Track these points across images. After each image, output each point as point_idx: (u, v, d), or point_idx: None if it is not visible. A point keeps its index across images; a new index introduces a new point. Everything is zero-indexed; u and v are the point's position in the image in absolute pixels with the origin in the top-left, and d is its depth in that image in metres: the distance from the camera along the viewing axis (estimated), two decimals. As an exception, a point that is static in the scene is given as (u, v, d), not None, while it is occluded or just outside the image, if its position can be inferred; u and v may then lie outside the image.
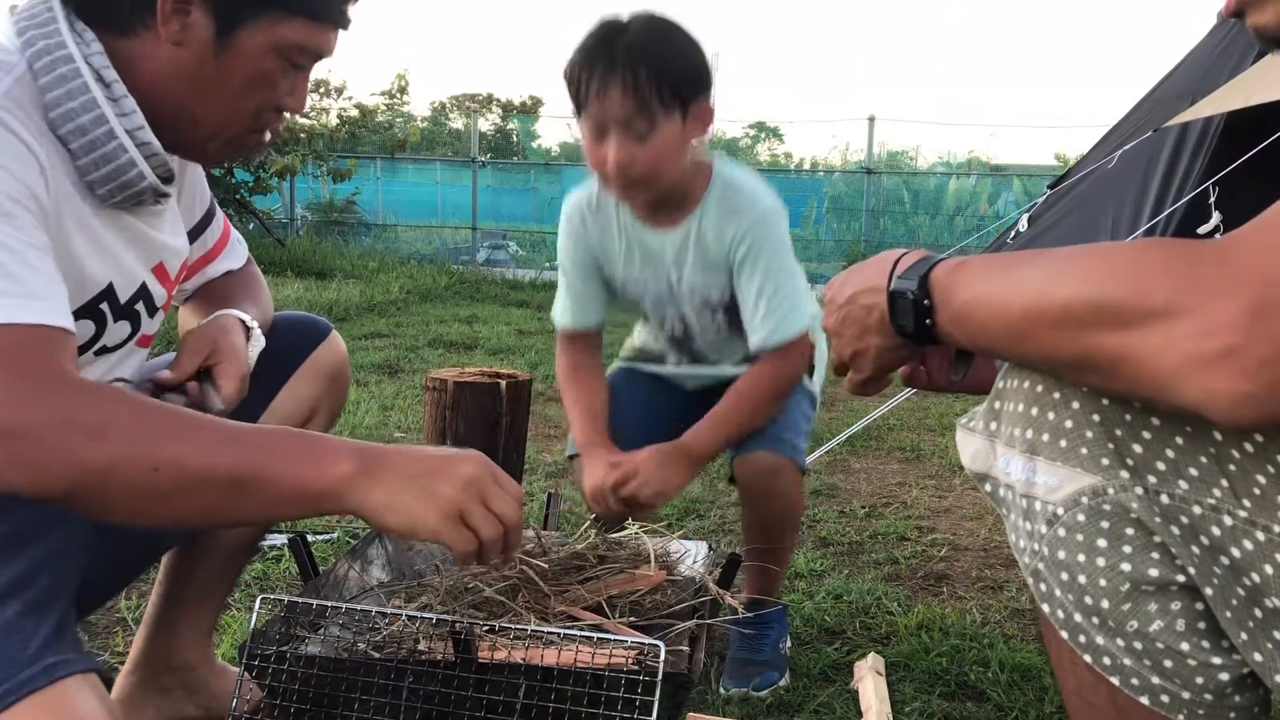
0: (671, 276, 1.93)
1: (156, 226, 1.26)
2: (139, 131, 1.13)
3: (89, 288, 1.16)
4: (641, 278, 1.96)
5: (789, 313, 1.85)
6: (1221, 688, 0.85)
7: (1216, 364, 0.69)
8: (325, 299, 7.34)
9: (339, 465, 1.00)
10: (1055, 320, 0.79)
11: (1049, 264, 0.82)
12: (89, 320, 1.18)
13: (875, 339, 1.00)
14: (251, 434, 1.02)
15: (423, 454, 1.07)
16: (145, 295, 1.27)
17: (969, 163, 16.21)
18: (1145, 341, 0.73)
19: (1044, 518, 0.88)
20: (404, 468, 1.03)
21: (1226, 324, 0.69)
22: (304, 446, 1.02)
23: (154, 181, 1.17)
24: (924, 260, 0.94)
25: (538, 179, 18.92)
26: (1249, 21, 0.93)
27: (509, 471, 1.92)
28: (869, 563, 2.61)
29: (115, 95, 1.11)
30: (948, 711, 1.83)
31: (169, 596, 1.57)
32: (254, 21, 1.14)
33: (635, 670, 1.16)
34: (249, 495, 0.98)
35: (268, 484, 0.98)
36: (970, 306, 0.88)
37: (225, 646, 1.86)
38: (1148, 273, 0.74)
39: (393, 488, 1.01)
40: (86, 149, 1.10)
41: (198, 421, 1.01)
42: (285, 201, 13.33)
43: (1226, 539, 0.81)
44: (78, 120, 1.09)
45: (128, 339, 1.27)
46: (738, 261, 1.86)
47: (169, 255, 1.30)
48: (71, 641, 1.05)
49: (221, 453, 0.97)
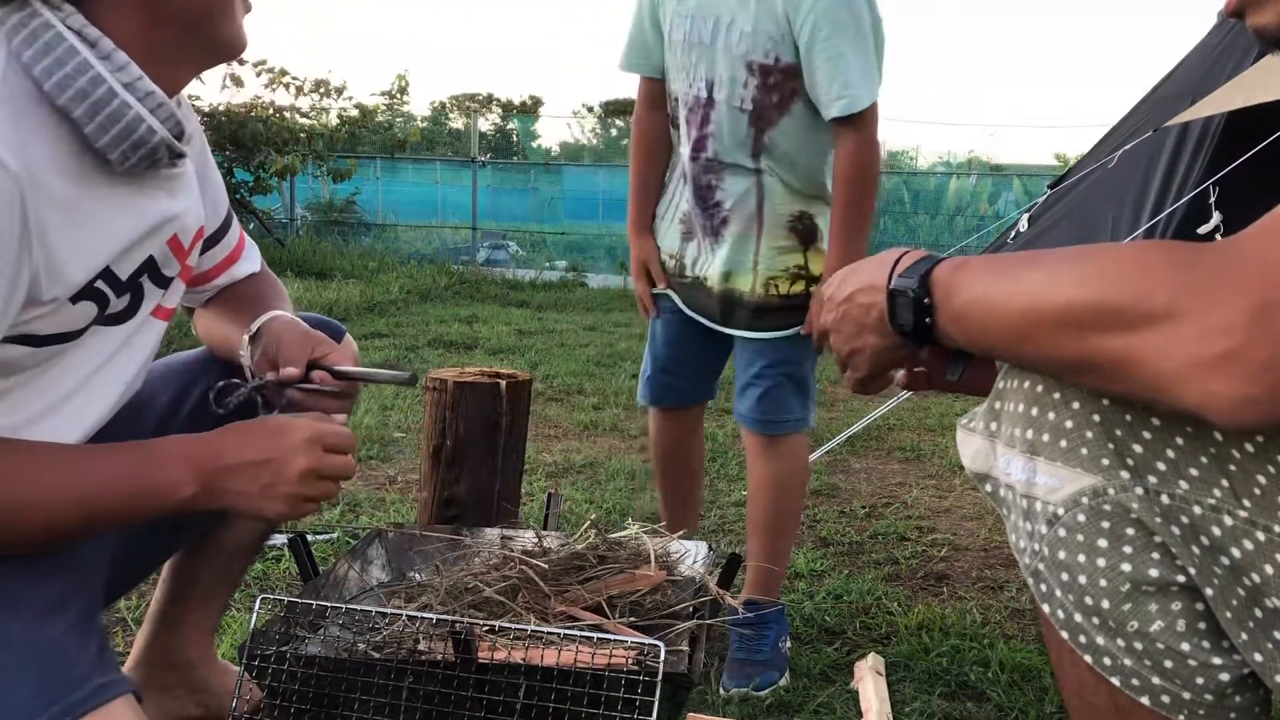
0: (722, 17, 1.91)
1: (171, 190, 1.20)
2: (139, 83, 1.07)
3: (86, 272, 1.11)
4: (687, 10, 1.94)
5: (866, 82, 1.87)
6: (1222, 688, 0.85)
7: (1218, 367, 0.69)
8: (325, 299, 7.34)
9: (181, 492, 1.10)
10: (1056, 321, 0.79)
11: (1050, 265, 0.82)
12: (89, 301, 1.13)
13: (873, 338, 1.00)
14: (92, 472, 1.09)
15: (258, 448, 1.13)
16: (151, 269, 1.21)
17: (969, 163, 16.22)
18: (1146, 343, 0.73)
19: (1044, 518, 0.88)
20: (244, 482, 1.11)
21: (1228, 327, 0.69)
22: (142, 477, 1.10)
23: (165, 135, 1.10)
24: (925, 260, 0.94)
25: (538, 179, 18.92)
26: (1249, 22, 0.93)
27: (509, 471, 1.93)
28: (869, 563, 2.61)
29: (105, 52, 1.06)
30: (948, 711, 1.83)
31: (172, 595, 1.56)
32: None
33: (635, 670, 1.16)
34: (100, 528, 1.10)
35: (118, 519, 1.09)
36: (971, 307, 0.88)
37: (225, 646, 1.86)
38: (1149, 275, 0.74)
39: (237, 499, 1.12)
40: (91, 112, 1.04)
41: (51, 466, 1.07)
42: (285, 201, 13.32)
43: (1227, 539, 0.81)
44: (76, 85, 1.03)
45: (133, 309, 1.21)
46: (814, 21, 1.83)
47: (184, 223, 1.24)
48: (113, 659, 1.06)
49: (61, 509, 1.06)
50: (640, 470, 3.37)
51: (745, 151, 1.95)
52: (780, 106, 1.93)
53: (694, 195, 2.01)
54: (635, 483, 3.26)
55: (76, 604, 1.07)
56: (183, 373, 1.43)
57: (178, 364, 1.45)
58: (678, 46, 1.97)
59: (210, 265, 1.42)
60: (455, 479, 1.90)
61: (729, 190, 1.98)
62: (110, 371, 1.20)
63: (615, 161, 28.02)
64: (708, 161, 1.98)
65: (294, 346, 1.28)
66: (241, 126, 10.38)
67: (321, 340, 1.31)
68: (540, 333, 6.93)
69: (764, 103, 1.92)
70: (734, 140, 1.95)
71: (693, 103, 1.97)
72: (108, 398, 1.20)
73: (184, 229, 1.25)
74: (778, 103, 1.92)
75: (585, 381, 5.05)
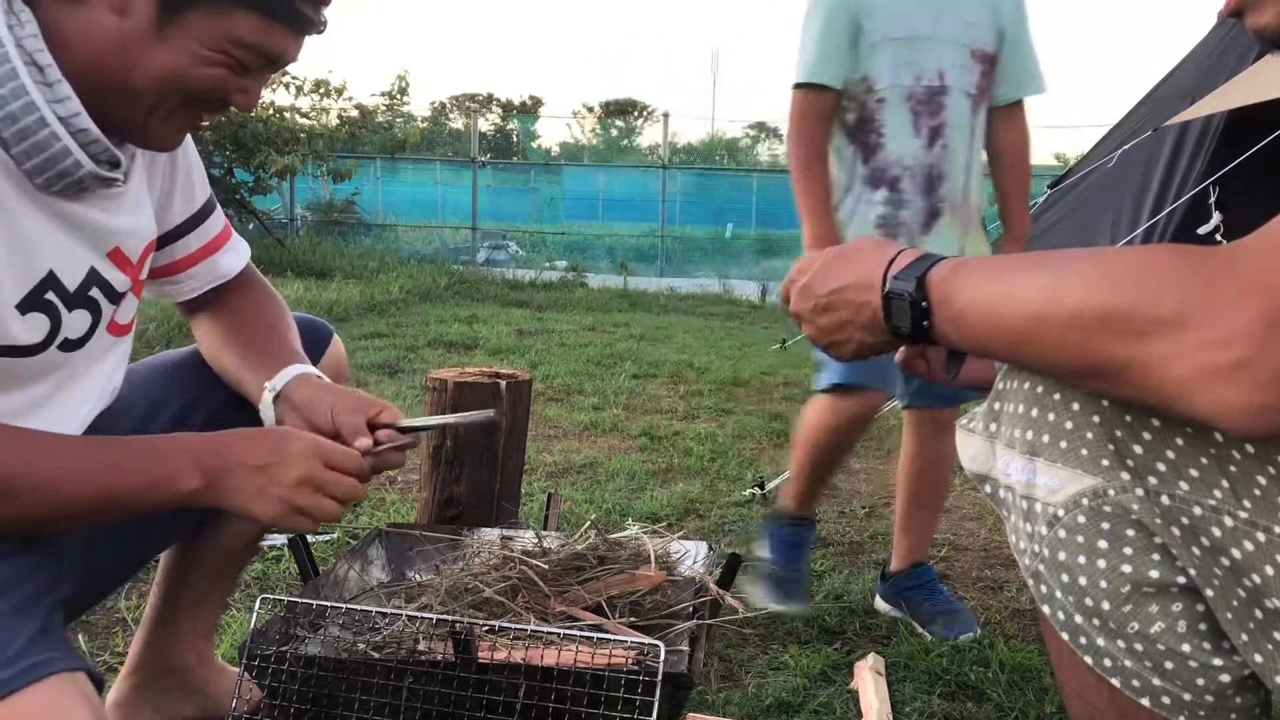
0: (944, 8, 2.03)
1: (111, 210, 1.20)
2: (74, 119, 1.08)
3: (29, 278, 1.11)
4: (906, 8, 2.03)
5: None
6: (1222, 689, 0.85)
7: (1229, 376, 0.69)
8: (325, 299, 7.35)
9: (184, 484, 1.13)
10: (1062, 326, 0.78)
11: (1054, 268, 0.81)
12: (39, 314, 1.13)
13: (862, 334, 0.99)
14: (106, 460, 1.12)
15: (260, 453, 1.16)
16: (99, 281, 1.21)
17: (969, 163, 16.17)
18: (1154, 351, 0.72)
19: (1044, 519, 0.88)
20: (242, 481, 1.15)
21: (1239, 335, 0.68)
22: (152, 468, 1.13)
23: (92, 168, 1.11)
24: (921, 260, 0.93)
25: (538, 179, 18.93)
26: (1248, 22, 0.93)
27: (509, 471, 1.93)
28: (869, 563, 2.61)
29: (49, 80, 1.06)
30: (948, 711, 1.83)
31: (167, 598, 1.56)
32: (199, 8, 1.08)
33: (635, 670, 1.16)
34: (111, 516, 1.13)
35: (128, 507, 1.12)
36: (970, 309, 0.87)
37: (225, 646, 1.86)
38: (1156, 280, 0.73)
39: (234, 497, 1.15)
40: (19, 137, 1.05)
41: (55, 459, 1.09)
42: (285, 201, 13.33)
43: (1227, 540, 0.80)
44: (8, 107, 1.04)
45: (91, 329, 1.22)
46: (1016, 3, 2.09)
47: (127, 239, 1.24)
48: (56, 641, 1.04)
49: (78, 491, 1.09)
50: (641, 471, 3.38)
51: (968, 138, 2.09)
52: (986, 94, 2.11)
53: (920, 187, 2.08)
54: (635, 483, 3.26)
55: (18, 591, 1.05)
56: (170, 379, 1.43)
57: (162, 367, 1.44)
58: (898, 44, 2.04)
59: (184, 253, 1.39)
60: (455, 479, 1.90)
61: (953, 180, 2.08)
62: (70, 395, 1.21)
63: (615, 161, 28.01)
64: (943, 150, 2.07)
65: (353, 416, 1.29)
66: (241, 126, 10.38)
67: (371, 402, 1.31)
68: (540, 333, 6.93)
69: (982, 89, 2.08)
70: (964, 127, 2.08)
71: (924, 94, 2.05)
72: (73, 420, 1.22)
73: (127, 244, 1.24)
74: (986, 89, 2.11)
75: (585, 381, 5.05)
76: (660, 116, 19.00)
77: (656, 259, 14.18)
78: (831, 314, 1.00)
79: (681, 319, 8.43)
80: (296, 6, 1.13)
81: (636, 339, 6.79)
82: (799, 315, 1.05)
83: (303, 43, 1.19)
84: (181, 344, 1.44)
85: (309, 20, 1.16)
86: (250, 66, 1.14)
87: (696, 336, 7.20)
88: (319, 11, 1.17)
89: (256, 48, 1.13)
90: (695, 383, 5.22)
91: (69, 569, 1.17)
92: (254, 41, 1.12)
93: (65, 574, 1.15)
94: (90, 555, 1.24)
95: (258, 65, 1.15)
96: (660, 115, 18.13)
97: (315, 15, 1.17)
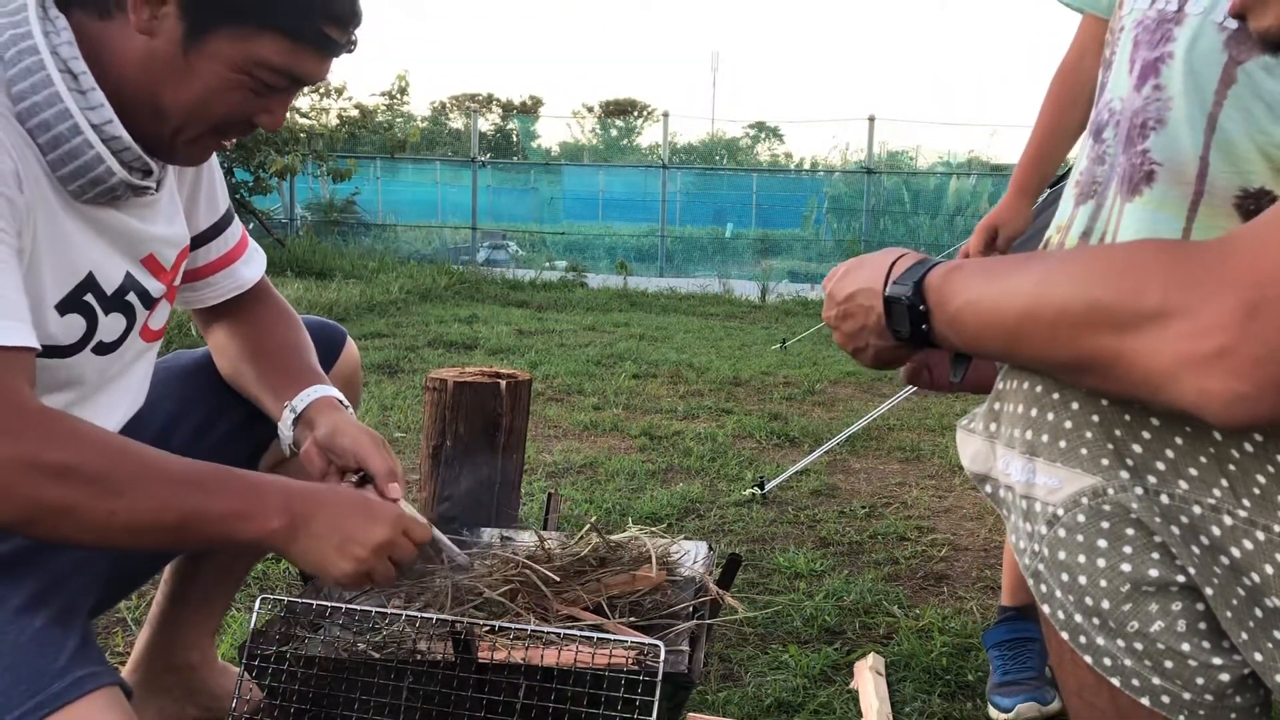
0: None
1: (145, 218, 1.21)
2: (107, 126, 1.09)
3: (68, 280, 1.12)
4: None
5: None
6: (1222, 688, 0.85)
7: (1210, 364, 0.69)
8: (325, 299, 7.35)
9: (270, 522, 1.08)
10: (1051, 322, 0.79)
11: (1043, 267, 0.82)
12: (77, 315, 1.14)
13: (874, 339, 1.01)
14: (201, 481, 1.06)
15: (346, 513, 1.14)
16: (135, 286, 1.22)
17: (969, 163, 16.24)
18: (1139, 342, 0.73)
19: (1044, 518, 0.88)
20: (326, 530, 1.11)
21: (1219, 324, 0.69)
22: (244, 498, 1.08)
23: (125, 176, 1.12)
24: (919, 264, 0.94)
25: (538, 179, 18.94)
26: (1251, 25, 0.93)
27: (508, 471, 1.93)
28: (869, 563, 2.61)
29: (83, 88, 1.07)
30: (948, 711, 1.83)
31: (173, 596, 1.56)
32: (224, 31, 1.09)
33: (635, 670, 1.16)
34: (187, 539, 1.08)
35: (206, 532, 1.06)
36: (966, 311, 0.88)
37: (225, 646, 1.86)
38: (1140, 273, 0.74)
39: (312, 544, 1.11)
40: (52, 144, 1.06)
41: (157, 466, 1.04)
42: (285, 201, 13.33)
43: (1226, 539, 0.81)
44: (42, 115, 1.05)
45: (125, 333, 1.23)
46: None
47: (160, 246, 1.25)
48: (96, 653, 1.05)
49: (173, 501, 1.03)
50: (641, 471, 3.38)
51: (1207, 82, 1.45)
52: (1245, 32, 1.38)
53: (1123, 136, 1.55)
54: (635, 482, 3.26)
55: (56, 600, 1.06)
56: (189, 386, 1.43)
57: (179, 371, 1.44)
58: None
59: (205, 260, 1.40)
60: (455, 479, 1.90)
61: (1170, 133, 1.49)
62: (104, 400, 1.22)
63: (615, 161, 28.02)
64: (1154, 90, 1.50)
65: (384, 455, 1.30)
66: (241, 126, 10.38)
67: (385, 444, 1.33)
68: (540, 333, 6.93)
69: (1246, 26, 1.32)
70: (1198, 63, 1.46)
71: (1150, 21, 1.52)
72: (109, 424, 1.21)
73: (161, 251, 1.25)
74: None
75: (585, 381, 5.05)
76: (660, 116, 19.01)
77: (656, 259, 14.19)
78: (849, 321, 1.03)
79: (681, 319, 8.44)
80: (322, 29, 1.13)
81: (636, 339, 6.79)
82: (828, 322, 1.07)
83: (330, 64, 1.18)
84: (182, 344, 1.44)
85: (334, 43, 1.16)
86: (276, 88, 1.15)
87: (696, 336, 7.20)
88: (346, 33, 1.17)
89: (282, 70, 1.13)
90: (695, 382, 5.22)
91: (94, 576, 1.18)
92: (279, 64, 1.12)
93: (92, 582, 1.15)
94: (112, 560, 1.24)
95: (283, 86, 1.15)
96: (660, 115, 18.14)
97: (341, 37, 1.16)
